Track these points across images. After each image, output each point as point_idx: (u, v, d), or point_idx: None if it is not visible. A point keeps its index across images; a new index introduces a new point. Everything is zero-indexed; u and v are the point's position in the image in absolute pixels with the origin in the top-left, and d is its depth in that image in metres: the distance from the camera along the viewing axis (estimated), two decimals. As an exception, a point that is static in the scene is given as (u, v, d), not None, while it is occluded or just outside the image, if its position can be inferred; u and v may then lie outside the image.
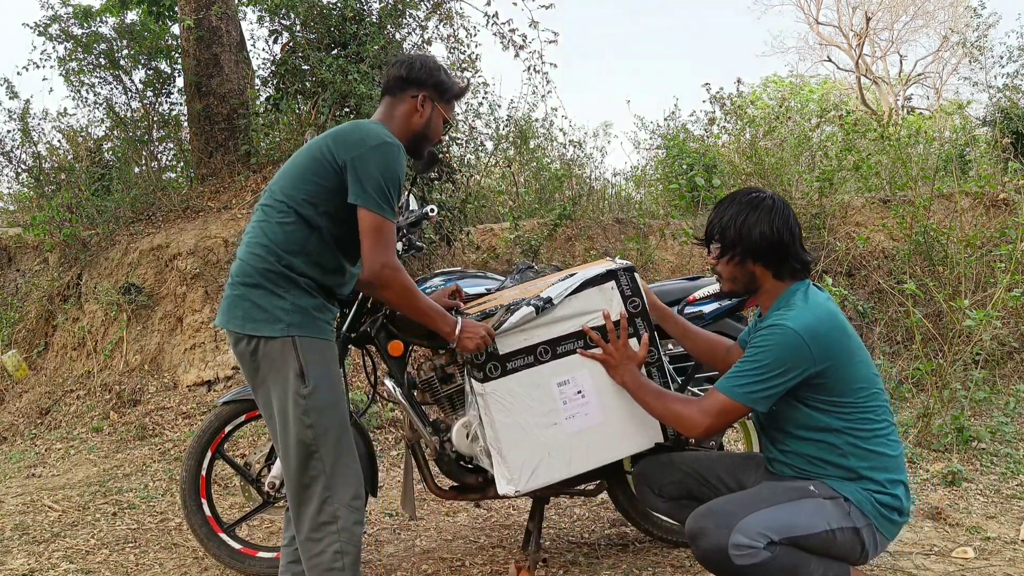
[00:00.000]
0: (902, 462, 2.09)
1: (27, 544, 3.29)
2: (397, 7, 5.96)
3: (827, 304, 2.10)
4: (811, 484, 2.06)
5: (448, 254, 5.80)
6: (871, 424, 2.05)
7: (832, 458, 2.06)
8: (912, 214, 5.56)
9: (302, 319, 2.06)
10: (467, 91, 2.45)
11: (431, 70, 2.29)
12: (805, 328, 2.01)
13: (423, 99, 2.27)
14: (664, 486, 2.39)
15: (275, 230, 2.09)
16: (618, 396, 2.41)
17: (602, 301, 2.40)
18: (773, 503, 2.00)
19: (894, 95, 19.78)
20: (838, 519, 1.99)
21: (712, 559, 1.95)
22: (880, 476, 2.04)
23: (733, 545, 1.90)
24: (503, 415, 2.33)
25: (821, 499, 2.01)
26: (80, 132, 7.31)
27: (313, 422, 2.04)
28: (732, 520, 1.94)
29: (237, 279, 2.11)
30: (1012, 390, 4.75)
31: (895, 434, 2.10)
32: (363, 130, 2.12)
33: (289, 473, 2.08)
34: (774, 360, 2.01)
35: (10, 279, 6.61)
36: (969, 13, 10.68)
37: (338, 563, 2.05)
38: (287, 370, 2.04)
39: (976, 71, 8.99)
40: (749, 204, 2.16)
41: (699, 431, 2.12)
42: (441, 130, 2.36)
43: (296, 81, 5.97)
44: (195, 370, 5.15)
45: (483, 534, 3.24)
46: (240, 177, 6.23)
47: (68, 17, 7.06)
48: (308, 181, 2.10)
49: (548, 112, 12.30)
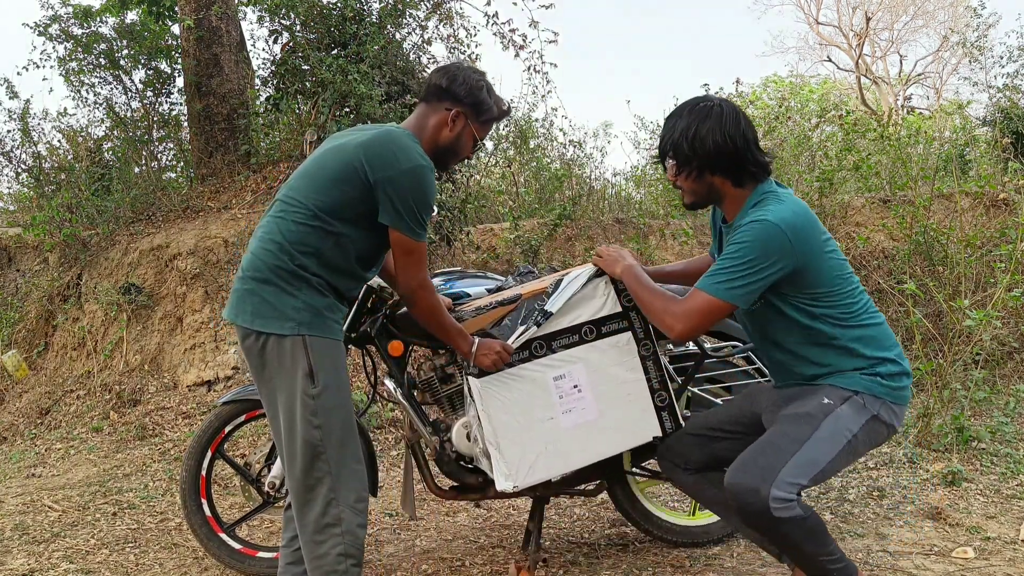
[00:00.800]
0: (887, 328, 2.18)
1: (27, 544, 3.29)
2: (397, 7, 5.96)
3: (799, 200, 2.15)
4: (823, 395, 2.09)
5: (448, 254, 5.80)
6: (852, 306, 2.12)
7: (829, 351, 2.12)
8: (912, 214, 5.56)
9: (313, 318, 2.06)
10: (507, 114, 2.40)
11: (471, 88, 2.23)
12: (786, 223, 2.03)
13: (456, 114, 2.23)
14: (689, 458, 2.40)
15: (291, 229, 2.07)
16: (615, 390, 2.42)
17: (597, 297, 2.42)
18: (800, 441, 2.03)
19: (894, 95, 19.78)
20: (856, 418, 2.06)
21: (753, 515, 1.99)
22: (876, 352, 2.11)
23: (773, 498, 1.95)
24: (500, 411, 2.34)
25: (837, 408, 2.06)
26: (80, 132, 7.31)
27: (321, 423, 2.03)
28: (769, 474, 1.98)
29: (248, 273, 2.09)
30: (1012, 390, 4.75)
31: (873, 306, 2.18)
32: (396, 146, 2.08)
33: (294, 473, 2.07)
34: (757, 255, 2.02)
35: (10, 279, 6.62)
36: (969, 13, 10.69)
37: (341, 565, 2.05)
38: (296, 369, 2.03)
39: (976, 71, 8.99)
40: (699, 114, 2.12)
41: (681, 330, 2.12)
42: (470, 148, 2.32)
43: (296, 81, 5.97)
44: (195, 370, 5.15)
45: (483, 534, 3.24)
46: (240, 177, 6.23)
47: (68, 17, 7.06)
48: (334, 188, 2.08)
49: (548, 112, 12.33)
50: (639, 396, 2.46)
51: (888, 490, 3.51)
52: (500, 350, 2.29)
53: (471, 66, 2.32)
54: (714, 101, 2.15)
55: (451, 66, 2.29)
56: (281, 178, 6.03)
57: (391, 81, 5.71)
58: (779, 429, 2.10)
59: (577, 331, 2.41)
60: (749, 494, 1.97)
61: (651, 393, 2.47)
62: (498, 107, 2.31)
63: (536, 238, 5.93)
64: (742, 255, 2.04)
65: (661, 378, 2.48)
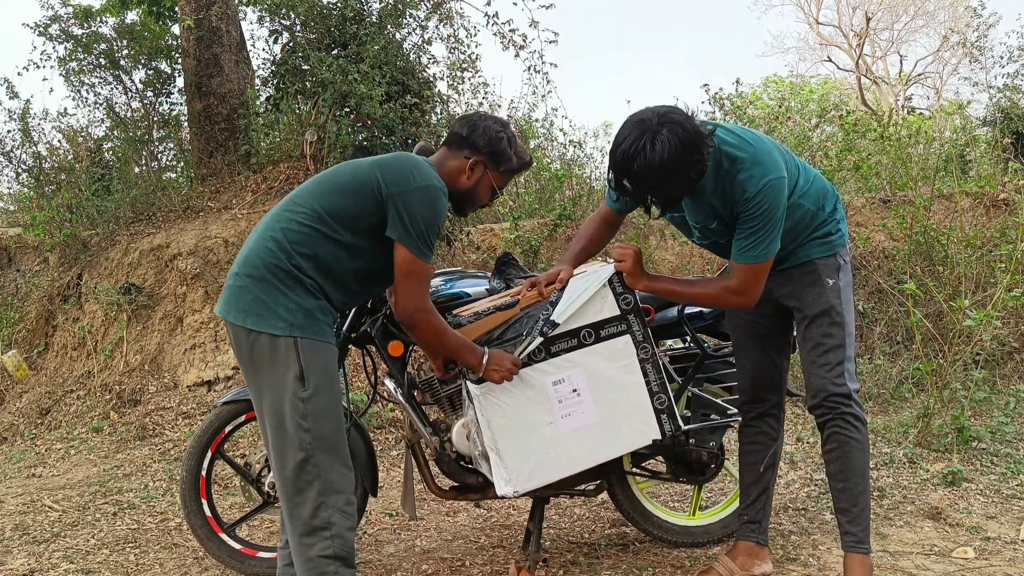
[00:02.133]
0: (812, 172, 2.48)
1: (27, 544, 3.29)
2: (397, 7, 5.96)
3: (753, 134, 2.31)
4: (820, 275, 2.42)
5: (448, 254, 5.80)
6: (803, 176, 2.41)
7: (801, 224, 2.40)
8: (912, 214, 5.55)
9: (305, 320, 2.05)
10: (528, 166, 2.40)
11: (491, 140, 2.25)
12: (778, 167, 2.25)
13: (474, 163, 2.25)
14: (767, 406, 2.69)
15: (293, 229, 2.07)
16: (614, 394, 2.42)
17: (595, 301, 2.41)
18: (835, 346, 2.41)
19: (894, 95, 19.77)
20: (844, 278, 2.44)
21: (842, 406, 2.41)
22: (827, 204, 2.45)
23: (854, 391, 2.43)
24: (499, 416, 2.33)
25: (835, 287, 2.42)
26: (80, 132, 7.30)
27: (310, 426, 2.02)
28: (840, 372, 2.41)
29: (243, 270, 2.09)
30: (1012, 390, 4.75)
31: (807, 166, 2.49)
32: (411, 163, 2.11)
33: (284, 475, 2.06)
34: (779, 211, 2.25)
35: (10, 279, 6.61)
36: (969, 13, 10.67)
37: (331, 567, 2.04)
38: (286, 370, 2.02)
39: (976, 71, 8.97)
40: (653, 167, 2.13)
41: (750, 299, 2.36)
42: (488, 197, 2.34)
43: (296, 81, 5.97)
44: (195, 370, 5.15)
45: (483, 534, 3.24)
46: (240, 177, 6.23)
47: (68, 17, 7.05)
48: (345, 197, 2.09)
49: (548, 112, 12.28)
50: (638, 399, 2.46)
51: (888, 490, 3.51)
52: (511, 367, 2.31)
53: (495, 116, 2.34)
54: (647, 134, 2.14)
55: (474, 115, 2.33)
56: (282, 178, 6.03)
57: (391, 81, 5.71)
58: (808, 337, 2.44)
59: (576, 335, 2.41)
60: (830, 390, 2.40)
61: (650, 396, 2.47)
62: (519, 158, 2.32)
63: (536, 238, 5.93)
64: (769, 219, 2.24)
65: (660, 381, 2.47)
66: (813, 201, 2.42)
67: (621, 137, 2.18)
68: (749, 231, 2.27)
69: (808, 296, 2.45)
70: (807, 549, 2.94)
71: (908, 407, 4.65)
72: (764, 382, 2.65)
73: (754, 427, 2.70)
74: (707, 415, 2.81)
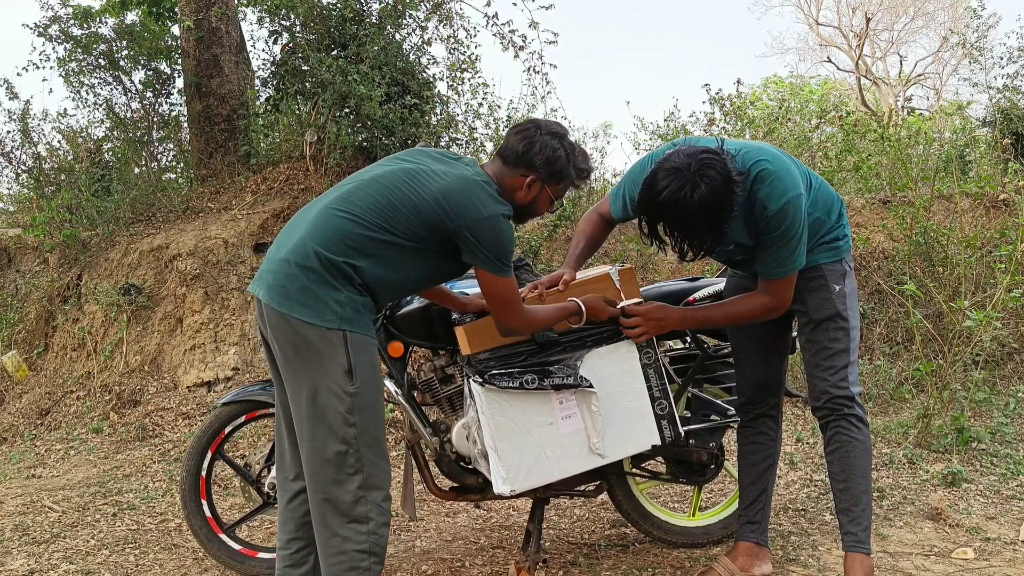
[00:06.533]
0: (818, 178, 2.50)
1: (27, 545, 3.29)
2: (397, 7, 5.96)
3: (770, 150, 2.34)
4: (827, 281, 2.44)
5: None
6: (812, 184, 2.44)
7: (811, 231, 2.40)
8: (912, 215, 5.55)
9: (354, 315, 2.04)
10: (588, 176, 2.35)
11: (549, 160, 2.20)
12: (797, 184, 2.28)
13: (532, 181, 2.22)
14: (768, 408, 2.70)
15: (347, 227, 2.05)
16: (615, 397, 2.42)
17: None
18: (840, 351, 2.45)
19: (894, 96, 19.77)
20: (849, 284, 2.48)
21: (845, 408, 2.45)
22: (834, 210, 2.48)
23: (857, 394, 2.47)
24: (500, 415, 2.33)
25: (841, 292, 2.45)
26: (80, 133, 7.29)
27: (356, 420, 2.03)
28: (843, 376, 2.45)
29: (294, 258, 2.03)
30: (1012, 391, 4.75)
31: (812, 173, 2.50)
32: (475, 192, 2.09)
33: (325, 469, 2.04)
34: (800, 225, 2.29)
35: (10, 280, 6.61)
36: (969, 14, 10.69)
37: (365, 562, 2.05)
38: (333, 363, 2.01)
39: (976, 72, 8.99)
40: (694, 218, 2.15)
41: (784, 308, 2.44)
42: (547, 208, 2.32)
43: (296, 82, 5.97)
44: (195, 371, 5.15)
45: (483, 535, 3.24)
46: (240, 178, 6.23)
47: (68, 18, 7.05)
48: (408, 219, 2.07)
49: (548, 113, 12.25)
50: (639, 404, 2.46)
51: (888, 491, 3.51)
52: (607, 308, 2.42)
53: (551, 126, 2.25)
54: (680, 187, 2.14)
55: (530, 127, 2.25)
56: (281, 179, 6.03)
57: (391, 82, 5.71)
58: (815, 341, 2.47)
59: (579, 337, 2.41)
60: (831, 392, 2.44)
61: (651, 401, 2.47)
62: (577, 171, 2.29)
63: (536, 238, 5.93)
64: (794, 235, 2.29)
65: (662, 386, 2.47)
66: (822, 208, 2.46)
67: (660, 187, 2.15)
68: (774, 249, 2.31)
69: (814, 301, 2.47)
70: (807, 550, 2.94)
71: (908, 408, 4.65)
72: (763, 383, 2.66)
73: (753, 428, 2.70)
74: (707, 416, 2.81)
